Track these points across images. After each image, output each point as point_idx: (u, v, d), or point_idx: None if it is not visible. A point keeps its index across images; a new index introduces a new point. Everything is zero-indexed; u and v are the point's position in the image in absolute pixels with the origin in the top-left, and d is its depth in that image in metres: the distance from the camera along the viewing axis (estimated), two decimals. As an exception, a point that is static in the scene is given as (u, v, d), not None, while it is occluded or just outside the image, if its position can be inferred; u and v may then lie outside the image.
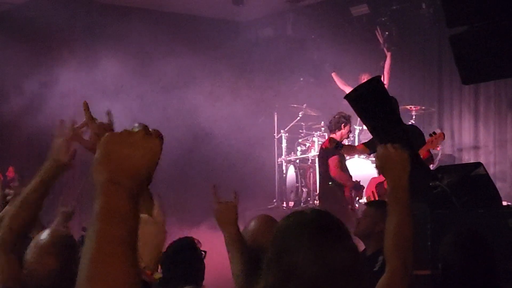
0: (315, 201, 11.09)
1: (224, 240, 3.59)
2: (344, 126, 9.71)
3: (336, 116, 9.74)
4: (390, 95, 6.28)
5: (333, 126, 9.77)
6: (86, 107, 2.62)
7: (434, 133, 8.20)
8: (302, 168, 11.51)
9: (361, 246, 5.25)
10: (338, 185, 9.50)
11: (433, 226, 6.00)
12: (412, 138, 8.72)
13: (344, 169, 9.66)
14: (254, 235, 3.64)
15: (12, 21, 11.55)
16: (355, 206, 9.62)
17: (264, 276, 2.01)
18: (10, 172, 10.79)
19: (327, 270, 1.98)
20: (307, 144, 11.62)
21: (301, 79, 12.59)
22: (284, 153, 11.85)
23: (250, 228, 3.69)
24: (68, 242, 2.74)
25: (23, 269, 2.67)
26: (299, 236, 2.02)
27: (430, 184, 6.30)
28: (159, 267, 4.22)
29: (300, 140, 11.81)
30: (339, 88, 11.60)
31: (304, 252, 1.98)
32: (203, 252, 4.55)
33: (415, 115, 10.69)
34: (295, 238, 2.02)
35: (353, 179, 9.63)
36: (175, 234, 4.86)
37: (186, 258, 4.34)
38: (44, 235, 2.74)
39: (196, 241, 4.62)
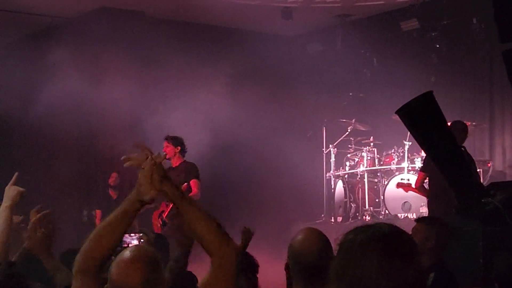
0: (364, 217, 11.01)
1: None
2: None
3: None
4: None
5: None
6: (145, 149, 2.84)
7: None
8: (351, 183, 11.45)
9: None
10: None
11: (485, 244, 5.92)
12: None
13: None
14: (301, 246, 3.64)
15: (65, 34, 11.73)
16: None
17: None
18: (112, 178, 10.99)
19: (394, 287, 1.95)
20: (356, 159, 11.54)
21: (350, 94, 12.53)
22: (332, 168, 11.79)
23: (298, 239, 3.68)
24: (152, 258, 2.74)
25: (106, 285, 2.67)
26: (370, 250, 1.99)
27: (483, 200, 6.21)
28: None
29: (348, 155, 11.75)
30: (388, 103, 11.50)
31: (374, 267, 1.96)
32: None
33: (466, 131, 10.55)
34: (365, 252, 2.00)
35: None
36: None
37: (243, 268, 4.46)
38: (129, 250, 2.73)
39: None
